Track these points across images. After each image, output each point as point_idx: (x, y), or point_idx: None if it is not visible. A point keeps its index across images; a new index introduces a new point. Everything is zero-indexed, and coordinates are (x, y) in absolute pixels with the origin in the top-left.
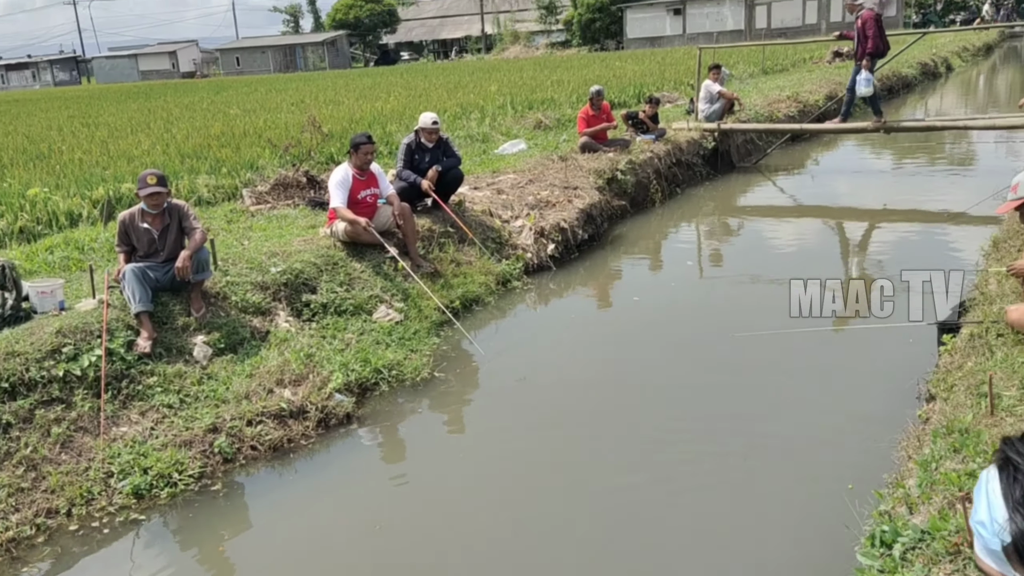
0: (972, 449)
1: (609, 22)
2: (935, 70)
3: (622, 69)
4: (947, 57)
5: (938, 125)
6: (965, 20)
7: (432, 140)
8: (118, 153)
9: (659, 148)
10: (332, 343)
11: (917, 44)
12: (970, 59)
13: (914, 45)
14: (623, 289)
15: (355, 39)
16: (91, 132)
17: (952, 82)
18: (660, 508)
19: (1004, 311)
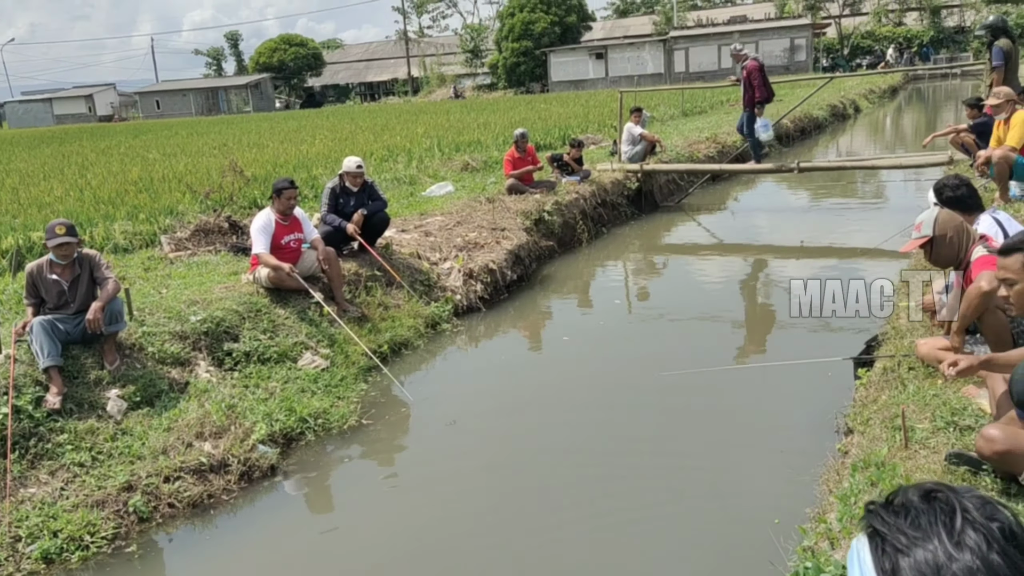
0: (888, 482)
1: (534, 65)
2: (844, 112)
3: (547, 111)
4: (855, 99)
5: (848, 165)
6: (871, 64)
7: (357, 184)
8: (29, 200)
9: (584, 189)
10: (255, 393)
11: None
12: (876, 101)
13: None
14: (553, 329)
15: (280, 82)
16: (0, 179)
17: (860, 123)
18: (587, 548)
19: (914, 345)
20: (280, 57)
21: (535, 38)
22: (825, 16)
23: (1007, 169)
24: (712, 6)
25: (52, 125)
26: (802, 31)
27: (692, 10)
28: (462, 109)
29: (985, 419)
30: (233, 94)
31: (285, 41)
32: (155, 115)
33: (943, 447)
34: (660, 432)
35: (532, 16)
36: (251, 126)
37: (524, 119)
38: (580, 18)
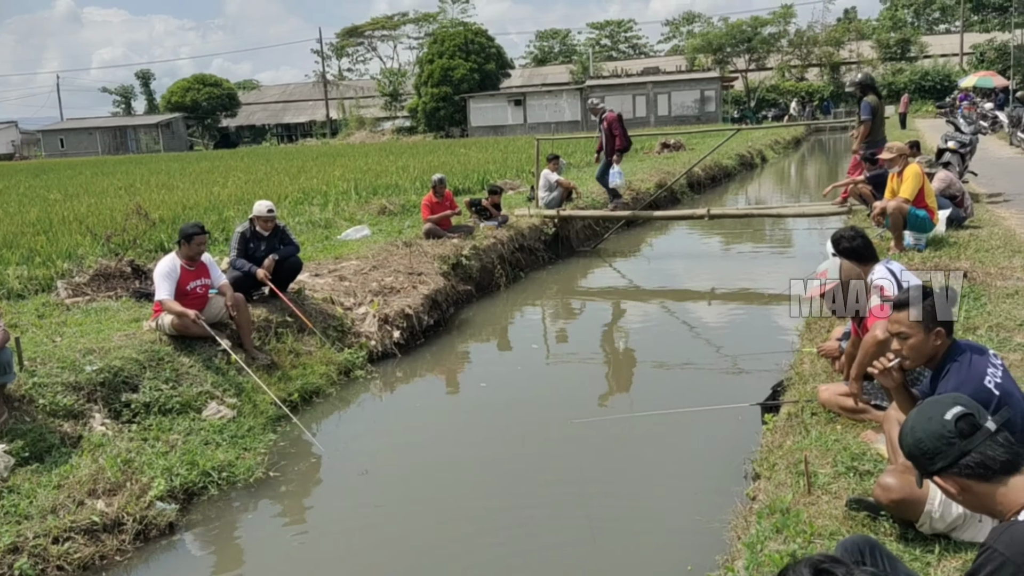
0: (792, 529)
1: (453, 110)
2: (751, 161)
3: (466, 156)
4: (761, 150)
5: (756, 213)
6: (776, 116)
7: (267, 228)
8: None
9: (502, 234)
10: (155, 446)
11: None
12: (781, 151)
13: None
14: (469, 375)
15: (193, 122)
16: None
17: (767, 172)
18: None
19: (816, 390)
20: (193, 97)
21: (454, 84)
22: (733, 70)
23: (901, 219)
24: (626, 57)
25: None
26: (711, 84)
27: (608, 60)
28: (380, 152)
29: (883, 464)
30: (143, 133)
31: (199, 81)
32: (59, 154)
33: (844, 492)
34: (572, 480)
35: (451, 62)
36: (161, 166)
37: (443, 163)
38: (499, 65)
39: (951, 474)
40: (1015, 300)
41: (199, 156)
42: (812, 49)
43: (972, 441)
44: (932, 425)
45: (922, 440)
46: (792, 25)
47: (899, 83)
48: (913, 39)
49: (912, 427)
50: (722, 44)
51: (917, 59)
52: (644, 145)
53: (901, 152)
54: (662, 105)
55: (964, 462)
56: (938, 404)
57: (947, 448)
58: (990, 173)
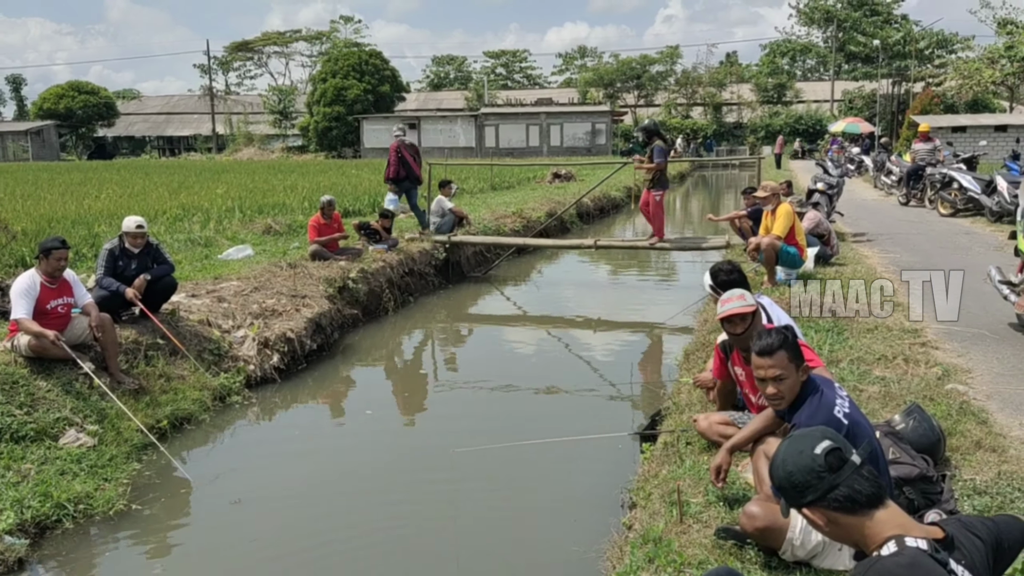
0: (664, 559)
1: (346, 131)
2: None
3: (358, 177)
4: None
5: (640, 245)
6: None
7: (138, 245)
8: None
9: (392, 258)
10: (5, 476)
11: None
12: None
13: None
14: (353, 401)
15: (66, 130)
16: None
17: None
18: None
19: (693, 420)
20: (67, 104)
21: (348, 104)
22: (623, 104)
23: (774, 255)
24: (521, 87)
25: None
26: (602, 117)
27: (502, 89)
28: (269, 170)
29: (752, 492)
30: (11, 140)
31: (74, 88)
32: None
33: (715, 521)
34: (453, 509)
35: (345, 82)
36: (28, 176)
37: (334, 184)
38: (394, 88)
39: (819, 507)
40: (874, 335)
41: (71, 166)
42: (697, 89)
43: (840, 475)
44: (802, 459)
45: (793, 474)
46: (679, 65)
47: (776, 125)
48: (789, 85)
49: (783, 460)
50: (613, 79)
51: (792, 103)
52: (536, 174)
53: (774, 191)
54: (555, 136)
55: (832, 495)
56: (807, 438)
57: (817, 482)
58: (855, 214)
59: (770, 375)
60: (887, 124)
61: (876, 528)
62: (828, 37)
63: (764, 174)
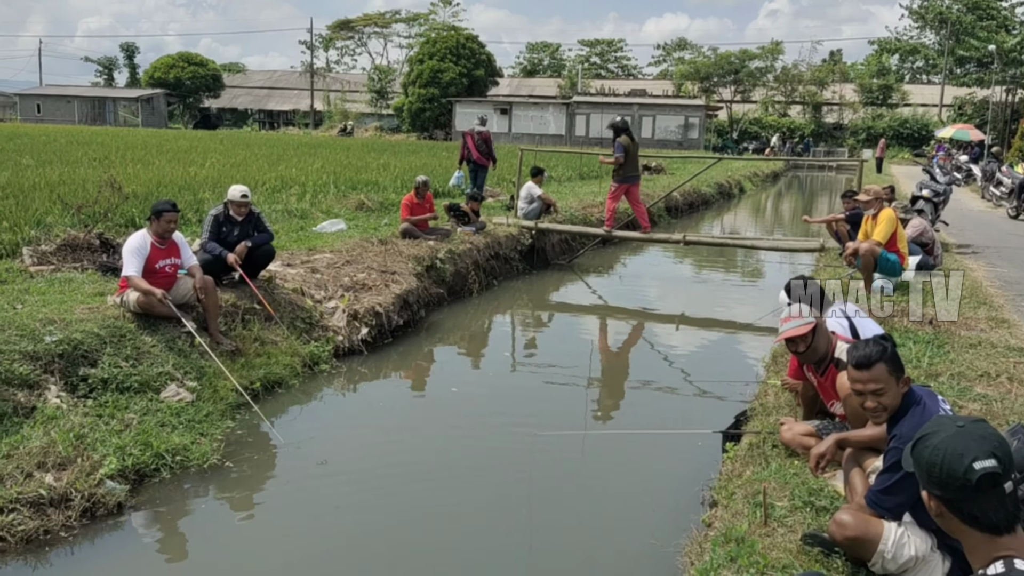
0: (746, 559)
1: (439, 112)
2: (730, 191)
3: (449, 159)
4: (740, 180)
5: (730, 242)
6: (757, 149)
7: (241, 213)
8: None
9: (479, 240)
10: (109, 423)
11: (715, 167)
12: (759, 184)
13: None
14: (435, 377)
15: (174, 99)
16: None
17: (744, 203)
18: None
19: (779, 425)
20: (177, 74)
21: (442, 86)
22: (718, 99)
23: (872, 262)
24: (614, 77)
25: None
26: (696, 111)
27: (596, 78)
28: (362, 148)
29: (840, 501)
30: (122, 106)
31: (184, 59)
32: (35, 119)
33: (800, 526)
34: (531, 491)
35: (441, 65)
36: (138, 141)
37: (425, 165)
38: (488, 72)
39: (942, 502)
40: (977, 351)
41: (178, 134)
42: (796, 87)
43: (981, 496)
44: (957, 464)
45: (938, 466)
46: (779, 61)
47: (878, 128)
48: (895, 86)
49: (943, 449)
50: (710, 73)
51: (897, 106)
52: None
53: (877, 195)
54: (646, 127)
55: (962, 507)
56: (982, 441)
57: (955, 491)
58: (961, 224)
59: (868, 389)
60: (998, 133)
61: (989, 546)
62: (940, 39)
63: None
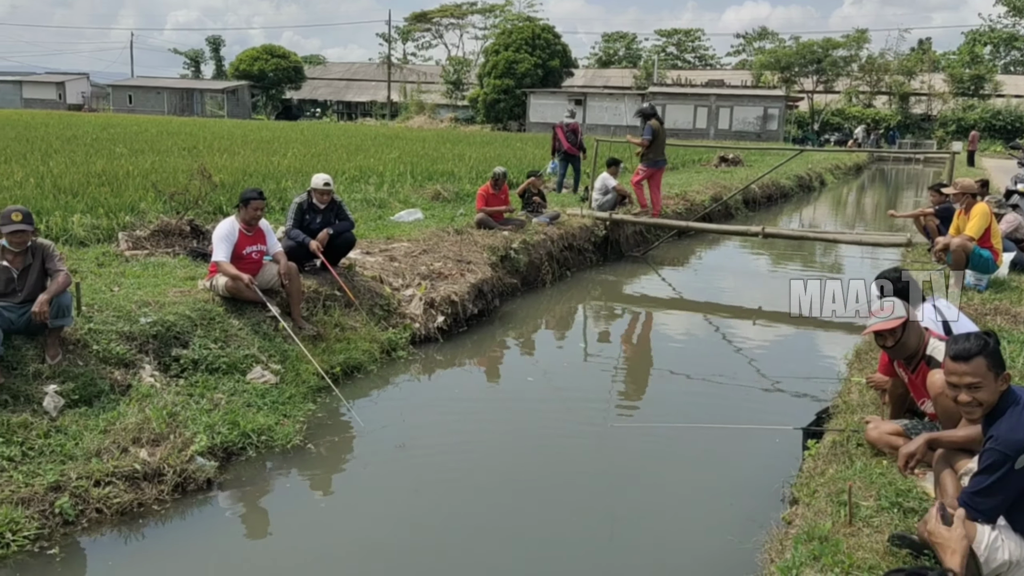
0: (830, 558)
1: (513, 104)
2: (810, 184)
3: (523, 150)
4: (821, 173)
5: (811, 236)
6: (839, 141)
7: (324, 201)
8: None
9: (552, 231)
10: (199, 402)
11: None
12: (841, 177)
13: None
14: (510, 366)
15: (258, 91)
16: None
17: (825, 197)
18: None
19: (864, 424)
20: (260, 66)
21: (517, 77)
22: (799, 90)
23: (964, 258)
24: (691, 67)
25: (20, 108)
26: (776, 102)
27: (672, 68)
28: (438, 139)
29: (929, 503)
30: (209, 98)
31: (267, 51)
32: (126, 110)
33: (886, 527)
34: (605, 481)
35: (517, 56)
36: (224, 131)
37: (499, 156)
38: (563, 63)
39: None
40: None
41: (261, 125)
42: (882, 76)
43: None
44: None
45: None
46: (864, 50)
47: (969, 120)
48: (988, 76)
49: None
50: (791, 63)
51: (990, 97)
52: (701, 157)
53: (968, 189)
54: (723, 119)
55: None
56: None
57: None
58: None
59: (964, 382)
60: None
61: None
62: None
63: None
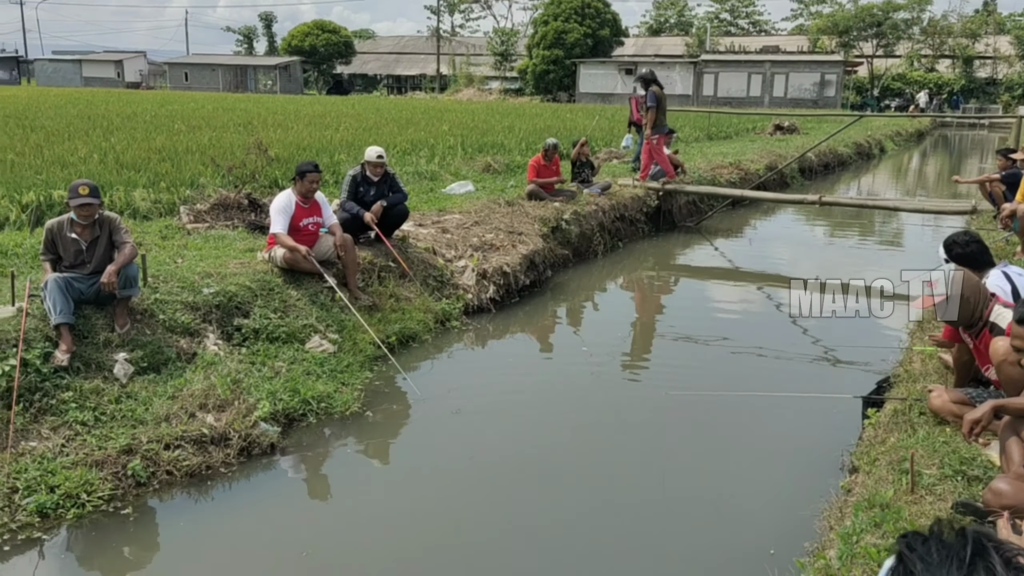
0: (892, 525)
1: (563, 75)
2: (869, 151)
3: (573, 122)
4: (881, 140)
5: (870, 204)
6: (899, 107)
7: (377, 174)
8: (53, 158)
9: (604, 202)
10: (261, 370)
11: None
12: (902, 144)
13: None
14: (563, 336)
15: (309, 66)
16: (26, 134)
17: (884, 164)
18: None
19: (927, 392)
20: (312, 42)
21: (567, 48)
22: (858, 55)
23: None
24: (745, 33)
25: (80, 86)
26: (834, 67)
27: (725, 35)
28: (487, 111)
29: (994, 471)
30: (262, 74)
31: (318, 27)
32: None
33: (950, 495)
34: (662, 448)
35: (566, 26)
36: (277, 107)
37: (549, 127)
38: (613, 32)
39: None
40: None
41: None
42: (945, 39)
43: None
44: None
45: None
46: (927, 12)
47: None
48: None
49: None
50: (849, 27)
51: None
52: (756, 125)
53: None
54: (779, 86)
55: None
56: None
57: None
58: None
59: (1017, 345)
60: None
61: None
62: None
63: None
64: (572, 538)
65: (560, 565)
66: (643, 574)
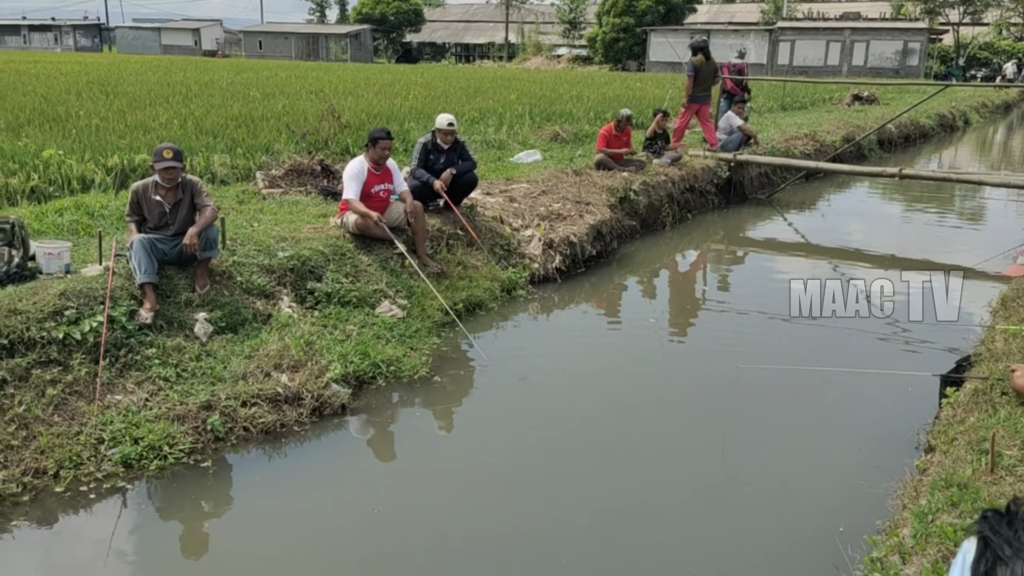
0: (970, 505)
1: (632, 43)
2: (953, 123)
3: (643, 91)
4: (965, 112)
5: (952, 177)
6: (986, 77)
7: (448, 142)
8: (135, 123)
9: (674, 172)
10: (333, 333)
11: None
12: (988, 116)
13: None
14: (629, 307)
15: (379, 35)
16: (109, 100)
17: (969, 136)
18: (641, 529)
19: (1010, 372)
20: (382, 10)
21: (637, 15)
22: (943, 22)
23: None
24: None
25: (159, 54)
26: (917, 35)
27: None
28: (555, 80)
29: None
30: (333, 42)
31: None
32: (256, 55)
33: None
34: (731, 422)
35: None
36: (348, 75)
37: (618, 96)
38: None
39: None
40: None
41: (382, 68)
42: None
43: None
44: None
45: None
46: None
47: None
48: None
49: None
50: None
51: None
52: (832, 95)
53: None
54: (858, 54)
55: None
56: None
57: None
58: None
59: None
60: None
61: None
62: None
63: None
64: (637, 504)
65: (622, 532)
66: (707, 548)
